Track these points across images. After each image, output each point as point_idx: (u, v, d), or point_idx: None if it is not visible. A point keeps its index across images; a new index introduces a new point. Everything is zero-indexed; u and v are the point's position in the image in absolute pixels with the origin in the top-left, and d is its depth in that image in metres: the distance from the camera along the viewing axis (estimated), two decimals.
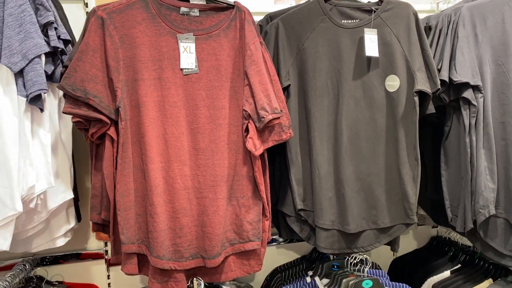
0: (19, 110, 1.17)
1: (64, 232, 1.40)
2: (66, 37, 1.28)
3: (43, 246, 1.40)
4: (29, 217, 1.28)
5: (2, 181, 1.16)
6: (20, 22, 1.15)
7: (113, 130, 1.24)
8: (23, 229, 1.30)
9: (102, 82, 1.22)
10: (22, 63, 1.15)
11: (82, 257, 1.76)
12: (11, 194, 1.16)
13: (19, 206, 1.16)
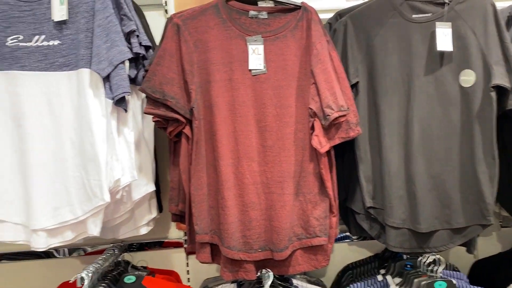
0: (106, 111, 1.31)
1: (147, 222, 1.53)
2: (147, 43, 1.39)
3: (129, 234, 1.54)
4: (116, 207, 1.43)
5: (93, 174, 1.31)
6: (107, 32, 1.29)
7: (188, 128, 1.34)
8: (112, 217, 1.45)
9: (178, 84, 1.32)
10: (108, 69, 1.28)
11: (164, 245, 1.89)
12: (100, 186, 1.30)
13: (107, 197, 1.30)
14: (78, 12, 1.30)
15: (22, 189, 1.33)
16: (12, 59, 1.29)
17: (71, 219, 1.34)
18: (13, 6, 1.29)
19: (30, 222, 1.32)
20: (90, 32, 1.29)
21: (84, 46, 1.29)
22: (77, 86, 1.30)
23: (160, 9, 1.79)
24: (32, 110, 1.30)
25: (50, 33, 1.30)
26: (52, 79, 1.30)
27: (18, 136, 1.31)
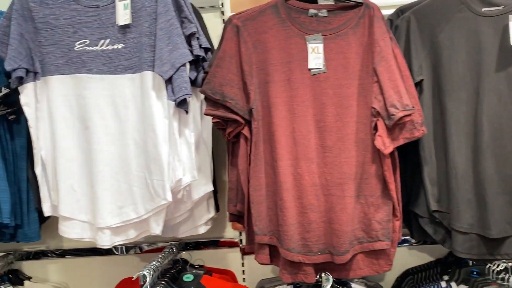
0: (168, 112, 1.33)
1: (205, 221, 1.55)
2: (206, 46, 1.41)
3: (188, 233, 1.57)
4: (176, 206, 1.45)
5: (156, 174, 1.34)
6: (169, 35, 1.31)
7: (247, 129, 1.34)
8: (172, 216, 1.47)
9: (238, 85, 1.32)
10: (171, 71, 1.30)
11: (220, 245, 1.91)
12: (163, 185, 1.32)
13: (169, 196, 1.32)
14: (141, 16, 1.33)
15: (88, 188, 1.38)
16: (79, 63, 1.35)
17: (135, 218, 1.38)
18: (80, 12, 1.34)
19: (96, 220, 1.37)
20: (152, 35, 1.32)
21: (147, 49, 1.32)
22: (140, 88, 1.34)
23: (216, 10, 1.81)
24: (98, 112, 1.35)
25: (114, 37, 1.34)
26: (117, 81, 1.35)
27: (85, 138, 1.37)
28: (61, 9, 1.34)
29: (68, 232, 1.40)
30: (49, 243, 1.89)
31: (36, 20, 1.33)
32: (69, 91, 1.36)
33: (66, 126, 1.36)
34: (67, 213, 1.38)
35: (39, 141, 1.37)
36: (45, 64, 1.35)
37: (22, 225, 1.58)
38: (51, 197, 1.41)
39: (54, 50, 1.34)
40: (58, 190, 1.37)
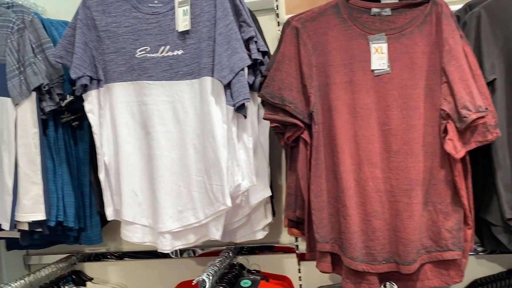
0: (227, 117, 1.33)
1: (262, 226, 1.53)
2: (264, 49, 1.39)
3: (245, 238, 1.55)
4: (234, 212, 1.44)
5: (215, 179, 1.33)
6: (228, 39, 1.30)
7: (306, 133, 1.31)
8: (230, 221, 1.47)
9: (297, 89, 1.29)
10: (230, 76, 1.30)
11: (275, 250, 1.88)
12: (222, 191, 1.32)
13: (228, 202, 1.31)
14: (200, 22, 1.33)
15: (150, 193, 1.40)
16: (140, 69, 1.37)
17: (194, 222, 1.38)
18: (141, 20, 1.36)
19: (157, 225, 1.38)
20: (211, 40, 1.32)
21: (206, 54, 1.32)
22: (199, 94, 1.34)
23: (271, 13, 1.79)
24: (158, 118, 1.37)
25: (174, 43, 1.35)
26: (177, 87, 1.36)
27: (146, 143, 1.39)
28: (123, 17, 1.37)
29: (130, 236, 1.42)
30: (109, 245, 1.94)
31: (99, 28, 1.37)
32: (131, 98, 1.38)
33: (128, 132, 1.39)
34: (129, 218, 1.40)
35: (103, 147, 1.40)
36: (107, 71, 1.38)
37: (85, 228, 1.63)
38: (114, 201, 1.44)
39: (116, 57, 1.37)
40: (120, 195, 1.40)
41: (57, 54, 1.36)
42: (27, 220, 1.43)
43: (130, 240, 1.43)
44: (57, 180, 1.52)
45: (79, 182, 1.61)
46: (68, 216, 1.53)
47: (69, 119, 1.55)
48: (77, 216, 1.58)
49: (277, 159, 1.76)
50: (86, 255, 1.94)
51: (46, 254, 1.94)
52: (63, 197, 1.53)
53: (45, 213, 1.44)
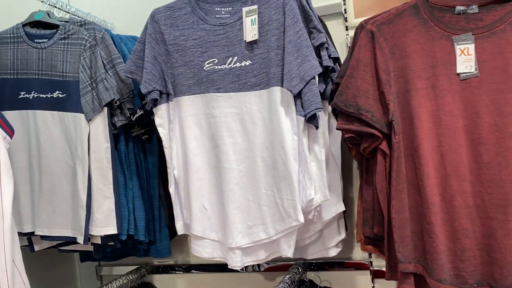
0: (298, 128, 1.27)
1: (336, 243, 1.45)
2: (335, 55, 1.32)
3: (317, 255, 1.48)
4: (306, 227, 1.38)
5: (286, 193, 1.27)
6: (298, 47, 1.25)
7: (385, 144, 1.22)
8: (301, 237, 1.40)
9: (373, 96, 1.21)
10: (300, 85, 1.24)
11: (346, 266, 1.79)
12: (294, 206, 1.26)
13: (301, 218, 1.25)
14: (269, 30, 1.29)
15: (219, 207, 1.37)
16: (208, 82, 1.34)
17: (265, 238, 1.33)
18: (208, 32, 1.34)
19: (227, 240, 1.34)
20: (280, 49, 1.27)
21: (275, 64, 1.28)
22: (268, 104, 1.29)
23: (339, 17, 1.72)
24: (227, 130, 1.33)
25: (242, 54, 1.32)
26: (245, 99, 1.32)
27: (215, 156, 1.36)
28: (190, 29, 1.35)
29: (200, 251, 1.39)
30: (177, 258, 1.94)
31: (168, 42, 1.36)
32: (199, 111, 1.36)
33: (197, 145, 1.37)
34: (199, 232, 1.38)
35: (173, 161, 1.39)
36: (176, 85, 1.37)
37: (154, 241, 1.63)
38: (183, 215, 1.42)
39: (185, 70, 1.36)
40: (190, 209, 1.38)
41: (128, 69, 1.37)
42: (100, 234, 1.45)
43: (200, 256, 1.40)
44: (128, 194, 1.54)
45: (148, 196, 1.62)
46: (139, 230, 1.54)
47: (139, 132, 1.56)
48: (147, 229, 1.58)
49: (348, 171, 1.68)
50: (154, 267, 1.95)
51: (116, 266, 1.97)
52: (134, 210, 1.54)
53: (117, 227, 1.45)
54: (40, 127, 1.47)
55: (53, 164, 1.47)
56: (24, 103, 1.48)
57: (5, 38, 1.50)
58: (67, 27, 1.46)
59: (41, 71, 1.47)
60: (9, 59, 1.48)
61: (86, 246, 1.51)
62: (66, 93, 1.45)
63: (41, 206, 1.47)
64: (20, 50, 1.48)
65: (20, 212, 1.49)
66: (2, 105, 1.48)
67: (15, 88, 1.48)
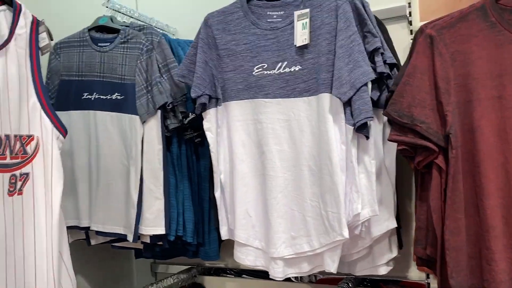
0: (346, 138, 1.20)
1: (386, 261, 1.36)
2: (391, 61, 1.24)
3: (366, 271, 1.40)
4: (353, 242, 1.30)
5: (331, 206, 1.21)
6: (350, 52, 1.19)
7: (441, 158, 1.12)
8: (348, 252, 1.33)
9: (430, 106, 1.11)
10: (350, 93, 1.18)
11: (402, 285, 1.68)
12: (338, 219, 1.19)
13: (346, 233, 1.18)
14: (320, 35, 1.24)
15: (263, 215, 1.34)
16: (257, 87, 1.32)
17: (308, 251, 1.28)
18: (259, 36, 1.32)
19: (269, 249, 1.31)
20: (331, 54, 1.21)
21: (325, 69, 1.22)
22: (317, 112, 1.24)
23: (403, 21, 1.61)
24: (273, 137, 1.30)
25: (292, 59, 1.28)
26: (293, 105, 1.28)
27: (261, 163, 1.33)
28: (242, 34, 1.34)
29: (243, 258, 1.37)
30: (227, 261, 1.93)
31: (219, 47, 1.36)
32: (247, 116, 1.34)
33: (244, 151, 1.35)
34: (242, 239, 1.36)
35: (219, 165, 1.39)
36: (226, 90, 1.36)
37: (203, 244, 1.64)
38: (228, 220, 1.41)
39: (235, 75, 1.35)
40: (234, 215, 1.37)
41: (180, 74, 1.39)
42: (149, 234, 1.48)
43: (243, 263, 1.39)
44: (178, 195, 1.56)
45: (199, 198, 1.63)
46: (187, 231, 1.56)
47: (192, 135, 1.58)
48: (196, 232, 1.59)
49: (407, 184, 1.56)
50: (206, 268, 1.96)
51: (171, 264, 2.01)
52: (184, 212, 1.56)
53: (165, 227, 1.47)
54: (100, 127, 1.53)
55: (109, 163, 1.53)
56: (86, 104, 1.56)
57: (73, 42, 1.59)
58: (127, 31, 1.51)
59: (102, 74, 1.54)
60: (75, 61, 1.57)
61: (137, 244, 1.55)
62: (124, 95, 1.51)
63: (97, 203, 1.54)
64: (85, 53, 1.56)
65: (79, 207, 1.56)
66: (68, 105, 1.57)
67: (79, 89, 1.56)
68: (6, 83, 1.04)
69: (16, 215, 1.06)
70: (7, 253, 1.03)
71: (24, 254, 1.07)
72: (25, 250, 1.07)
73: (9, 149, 1.04)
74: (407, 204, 1.60)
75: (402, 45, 1.54)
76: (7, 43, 1.06)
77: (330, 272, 1.25)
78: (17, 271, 1.05)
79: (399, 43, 1.48)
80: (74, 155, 1.57)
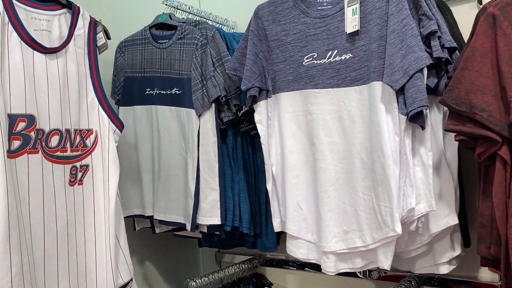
0: (400, 128, 1.14)
1: (448, 259, 1.27)
2: (451, 45, 1.14)
3: (426, 270, 1.32)
4: (411, 238, 1.24)
5: (383, 200, 1.16)
6: (402, 37, 1.12)
7: (505, 150, 1.01)
8: (406, 249, 1.26)
9: (492, 92, 1.01)
10: (403, 80, 1.11)
11: (474, 285, 1.56)
12: (391, 214, 1.14)
13: (398, 229, 1.12)
14: (371, 20, 1.18)
15: (314, 208, 1.32)
16: (307, 78, 1.29)
17: (361, 246, 1.24)
18: (309, 25, 1.29)
19: (321, 243, 1.29)
20: (383, 40, 1.15)
21: (376, 56, 1.17)
22: (368, 101, 1.19)
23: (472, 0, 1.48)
24: (324, 128, 1.27)
25: (342, 47, 1.24)
26: (343, 95, 1.24)
27: (311, 155, 1.31)
28: (291, 24, 1.32)
29: (294, 251, 1.36)
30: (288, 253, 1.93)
31: (269, 38, 1.35)
32: (298, 107, 1.32)
33: (294, 143, 1.33)
34: (294, 232, 1.35)
35: (271, 157, 1.39)
36: (276, 81, 1.35)
37: (260, 235, 1.65)
38: (280, 212, 1.40)
39: (285, 66, 1.33)
40: (286, 207, 1.36)
41: (231, 67, 1.40)
42: (205, 223, 1.52)
43: (294, 255, 1.38)
44: (234, 187, 1.58)
45: (256, 190, 1.64)
46: (243, 222, 1.57)
47: (248, 128, 1.59)
48: (253, 223, 1.61)
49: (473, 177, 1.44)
50: (268, 259, 1.96)
51: (235, 254, 2.05)
52: (239, 203, 1.58)
53: (221, 218, 1.51)
54: (161, 121, 1.60)
55: (170, 155, 1.59)
56: (148, 99, 1.63)
57: (135, 40, 1.67)
58: (183, 28, 1.56)
59: (162, 70, 1.60)
60: (138, 59, 1.65)
61: (196, 233, 1.60)
62: (182, 90, 1.56)
63: (159, 193, 1.61)
64: (146, 50, 1.64)
65: (144, 197, 1.65)
66: (132, 100, 1.66)
67: (142, 85, 1.64)
68: (66, 81, 1.13)
69: (77, 204, 1.14)
70: (69, 240, 1.12)
71: (85, 240, 1.16)
72: (86, 237, 1.16)
73: (70, 142, 1.13)
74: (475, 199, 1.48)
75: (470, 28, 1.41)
76: (67, 44, 1.15)
77: (388, 269, 1.20)
78: (79, 256, 1.14)
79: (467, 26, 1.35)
80: (138, 147, 1.66)
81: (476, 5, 1.47)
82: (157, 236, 1.78)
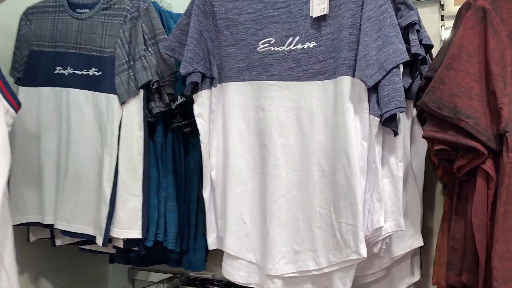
0: (370, 132, 0.98)
1: (406, 286, 1.13)
2: (428, 42, 1.03)
3: None
4: (369, 261, 1.08)
5: (345, 216, 0.99)
6: (379, 26, 0.96)
7: (490, 163, 0.89)
8: (362, 273, 1.11)
9: (479, 96, 0.89)
10: (378, 75, 0.95)
11: None
12: (354, 233, 0.97)
13: (363, 251, 0.95)
14: (342, 4, 1.01)
15: (260, 222, 1.11)
16: (261, 67, 1.09)
17: (314, 269, 1.05)
18: (267, 4, 1.09)
19: (266, 265, 1.08)
20: (356, 28, 0.99)
21: (346, 47, 1.00)
22: (333, 99, 1.02)
23: (433, 4, 1.39)
24: (278, 128, 1.08)
25: (305, 33, 1.05)
26: (304, 90, 1.05)
27: (261, 158, 1.10)
28: (246, 1, 1.11)
29: (233, 274, 1.14)
30: (215, 271, 1.70)
31: (218, 16, 1.13)
32: (247, 101, 1.11)
33: (241, 143, 1.12)
34: (233, 250, 1.12)
35: (211, 159, 1.16)
36: (223, 68, 1.13)
37: (187, 251, 1.42)
38: (217, 226, 1.17)
39: (235, 51, 1.12)
40: (225, 220, 1.13)
41: (168, 46, 1.16)
42: (122, 237, 1.25)
43: (232, 279, 1.15)
44: (160, 193, 1.33)
45: (186, 198, 1.41)
46: (169, 236, 1.33)
47: (181, 124, 1.35)
48: (180, 237, 1.36)
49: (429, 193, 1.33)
50: (191, 278, 1.73)
51: (151, 271, 1.78)
52: (166, 213, 1.34)
53: (142, 231, 1.24)
54: (72, 107, 1.31)
55: (81, 150, 1.30)
56: (59, 80, 1.33)
57: (47, 7, 1.36)
58: None
59: (79, 45, 1.31)
60: (48, 29, 1.34)
61: (108, 248, 1.31)
62: (102, 70, 1.28)
63: (64, 196, 1.31)
64: (60, 20, 1.33)
65: (43, 201, 1.33)
66: (37, 80, 1.35)
67: (52, 62, 1.34)
68: None
69: None
70: None
71: None
72: None
73: None
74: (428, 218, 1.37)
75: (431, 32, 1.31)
76: None
77: None
78: None
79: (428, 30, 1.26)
80: (41, 139, 1.35)
81: (438, 10, 1.39)
82: (57, 248, 1.46)
